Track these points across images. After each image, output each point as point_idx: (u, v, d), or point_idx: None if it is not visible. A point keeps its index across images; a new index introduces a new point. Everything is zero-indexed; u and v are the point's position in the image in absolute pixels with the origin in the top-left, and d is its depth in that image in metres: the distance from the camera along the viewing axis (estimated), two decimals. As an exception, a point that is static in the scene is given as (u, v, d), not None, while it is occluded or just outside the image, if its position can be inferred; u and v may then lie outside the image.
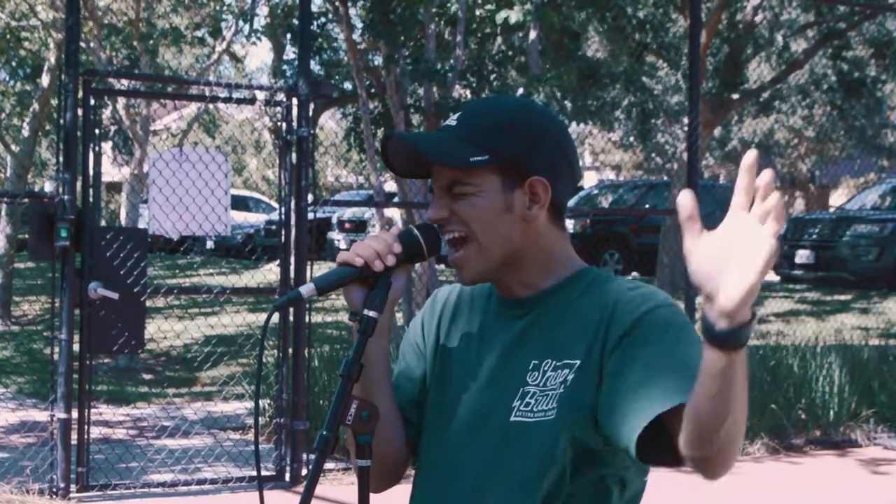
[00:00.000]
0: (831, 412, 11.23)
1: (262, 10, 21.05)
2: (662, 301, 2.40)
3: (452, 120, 2.49)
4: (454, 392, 2.53)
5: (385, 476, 2.58)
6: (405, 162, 2.52)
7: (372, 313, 2.41)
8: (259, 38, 18.74)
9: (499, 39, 13.80)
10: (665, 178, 29.49)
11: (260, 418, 10.67)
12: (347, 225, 26.42)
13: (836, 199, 37.10)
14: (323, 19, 15.74)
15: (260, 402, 11.02)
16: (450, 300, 2.66)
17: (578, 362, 2.39)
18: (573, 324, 2.43)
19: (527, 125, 2.46)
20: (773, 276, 23.48)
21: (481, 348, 2.52)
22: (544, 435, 2.38)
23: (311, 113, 9.39)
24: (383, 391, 2.52)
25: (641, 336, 2.35)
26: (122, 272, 8.57)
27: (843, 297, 19.43)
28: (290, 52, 23.38)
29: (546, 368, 2.42)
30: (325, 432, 2.35)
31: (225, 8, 17.65)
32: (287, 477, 9.11)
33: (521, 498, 2.40)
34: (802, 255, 21.28)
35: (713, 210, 24.81)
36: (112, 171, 30.60)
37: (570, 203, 2.97)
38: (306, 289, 2.39)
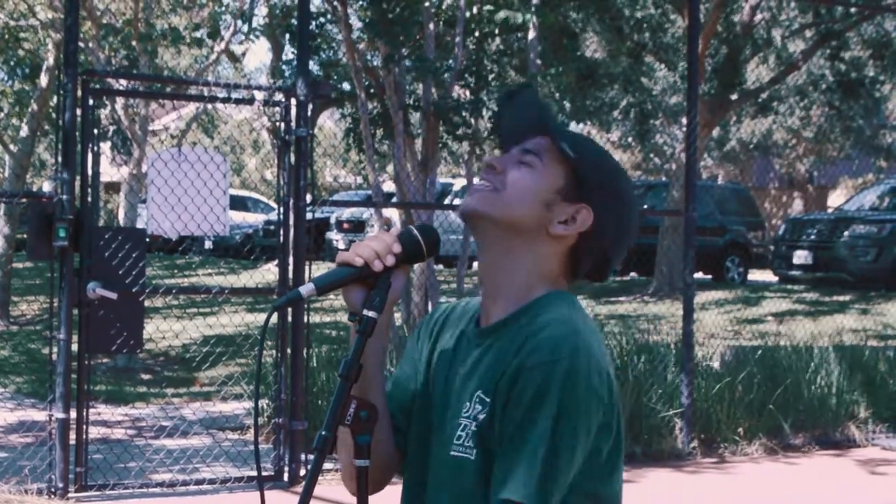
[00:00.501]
0: (829, 412, 11.24)
1: (261, 11, 21.06)
2: (563, 353, 2.34)
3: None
4: (428, 412, 2.55)
5: (371, 481, 2.58)
6: (520, 124, 2.56)
7: (371, 313, 2.41)
8: (257, 36, 18.74)
9: (498, 39, 13.80)
10: (663, 178, 29.50)
11: (261, 418, 10.69)
12: (346, 225, 26.43)
13: (835, 199, 37.10)
14: (322, 19, 15.73)
15: (254, 401, 11.03)
16: (442, 317, 2.67)
17: (489, 401, 2.41)
18: (498, 354, 2.43)
19: (617, 181, 2.54)
20: (770, 277, 23.51)
21: (450, 372, 2.54)
22: (470, 474, 2.41)
23: (309, 113, 9.39)
24: (377, 391, 2.53)
25: (523, 393, 2.34)
26: (120, 272, 8.58)
27: (840, 298, 19.44)
28: (289, 53, 23.38)
29: (476, 401, 2.43)
30: (324, 432, 2.36)
31: (224, 8, 17.65)
32: (285, 477, 9.11)
33: None
34: (800, 256, 21.29)
35: (711, 210, 24.90)
36: (111, 170, 30.62)
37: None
38: (306, 289, 2.39)
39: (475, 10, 12.76)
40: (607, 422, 2.38)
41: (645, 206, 24.10)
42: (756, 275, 25.34)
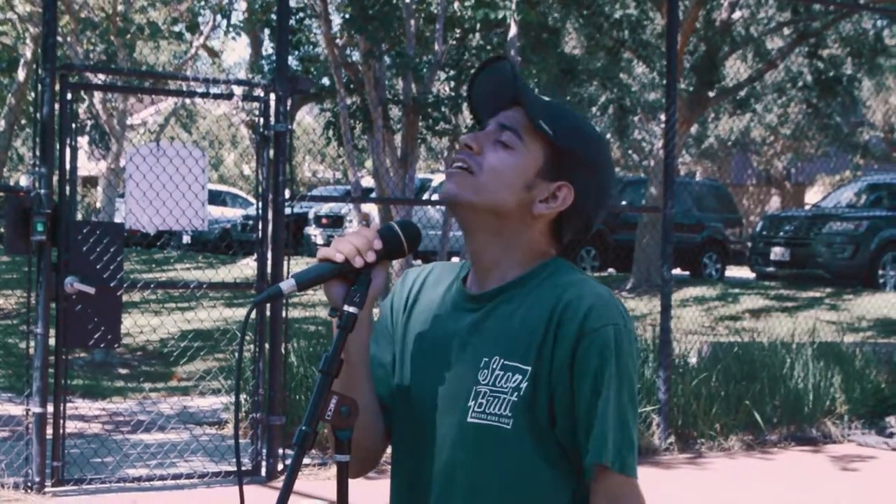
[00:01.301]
0: (806, 408, 11.28)
1: (241, 6, 21.01)
2: (612, 317, 2.43)
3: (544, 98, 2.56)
4: (411, 382, 2.55)
5: (362, 462, 2.60)
6: (491, 94, 2.55)
7: (352, 309, 2.41)
8: (238, 34, 18.70)
9: (478, 35, 13.81)
10: (642, 174, 29.55)
11: (239, 413, 10.69)
12: (324, 220, 26.40)
13: (812, 196, 37.23)
14: (301, 14, 15.72)
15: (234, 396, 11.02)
16: (417, 281, 2.67)
17: (530, 370, 2.41)
18: (523, 320, 2.44)
19: (596, 150, 2.53)
20: (748, 273, 23.58)
21: (436, 338, 2.53)
22: (503, 443, 2.41)
23: (288, 108, 9.39)
24: (363, 384, 2.53)
25: (587, 359, 2.41)
26: (98, 266, 8.56)
27: (816, 294, 19.50)
28: (268, 48, 23.36)
29: (495, 367, 2.43)
30: (304, 427, 2.36)
31: (203, 3, 17.62)
32: (263, 472, 9.11)
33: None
34: (777, 253, 21.36)
35: (689, 207, 24.95)
36: (89, 165, 30.53)
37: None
38: (287, 284, 2.39)
39: (455, 6, 12.77)
40: None
41: (623, 203, 24.20)
42: (733, 271, 25.41)
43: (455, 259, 16.16)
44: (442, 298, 2.58)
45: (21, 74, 17.33)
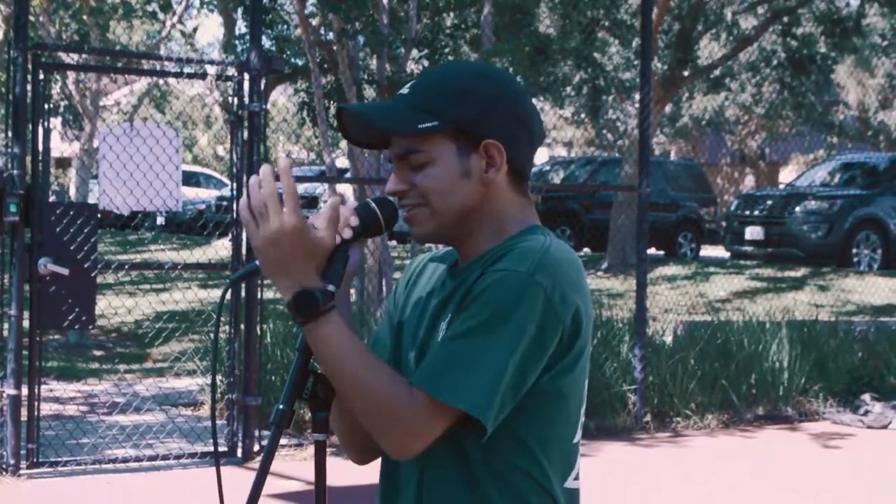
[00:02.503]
0: (781, 387, 11.32)
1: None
2: (518, 265, 2.34)
3: (406, 88, 2.49)
4: (401, 360, 2.54)
5: (364, 450, 2.59)
6: (362, 133, 2.51)
7: (329, 287, 2.40)
8: (211, 10, 18.60)
9: (452, 14, 13.78)
10: (617, 154, 29.59)
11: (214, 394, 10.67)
12: (300, 200, 26.32)
13: (786, 175, 37.36)
14: (274, -6, 15.65)
15: (211, 377, 11.00)
16: (417, 268, 2.67)
17: (452, 316, 2.42)
18: (469, 283, 2.42)
19: (478, 89, 2.44)
20: (722, 252, 23.64)
21: (421, 316, 2.53)
22: None
23: (262, 88, 9.35)
24: None
25: (470, 295, 2.37)
26: (72, 248, 8.52)
27: (794, 274, 19.56)
28: (242, 27, 23.25)
29: (443, 326, 2.44)
30: (281, 406, 2.34)
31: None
32: (239, 453, 9.09)
33: (450, 478, 2.42)
34: (752, 232, 21.41)
35: (663, 186, 24.99)
36: (62, 146, 30.39)
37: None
38: (262, 262, 2.37)
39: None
40: (567, 352, 2.38)
41: (599, 183, 24.22)
42: (708, 250, 25.48)
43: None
44: (435, 281, 2.58)
45: (-7, 55, 17.20)
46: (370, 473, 2.65)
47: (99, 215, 8.88)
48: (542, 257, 2.35)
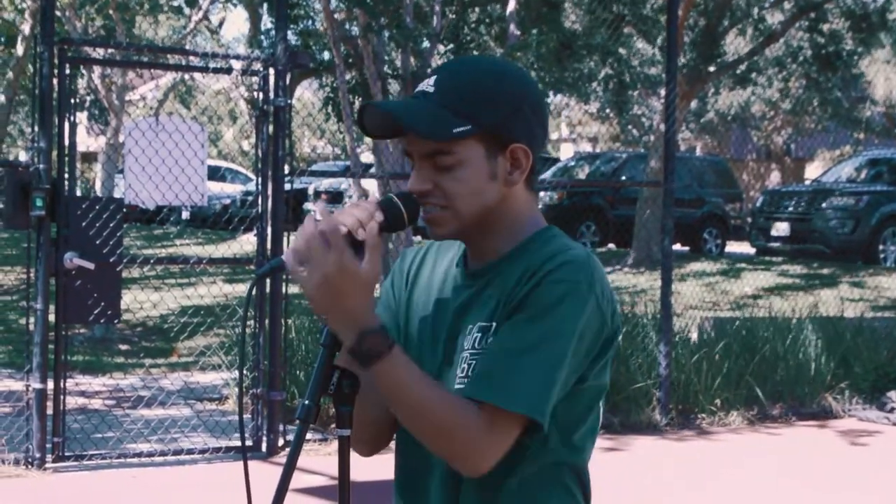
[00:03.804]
0: (807, 384, 11.27)
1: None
2: (574, 276, 2.38)
3: (429, 85, 2.45)
4: (413, 357, 2.50)
5: (375, 440, 2.59)
6: (379, 126, 2.49)
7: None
8: (236, 5, 18.61)
9: (477, 9, 13.75)
10: (642, 150, 29.50)
11: (240, 389, 10.65)
12: (324, 196, 26.36)
13: (812, 171, 37.18)
14: (300, -11, 15.65)
15: (238, 372, 11.00)
16: (416, 260, 2.67)
17: (494, 325, 2.41)
18: (505, 285, 2.43)
19: (507, 91, 2.44)
20: (748, 249, 23.56)
21: (436, 316, 2.52)
22: None
23: (287, 83, 9.35)
24: None
25: (526, 300, 2.37)
26: (97, 242, 8.54)
27: (823, 271, 19.46)
28: (267, 22, 23.27)
29: (474, 331, 2.43)
30: (307, 402, 2.33)
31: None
32: (263, 447, 9.10)
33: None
34: (778, 228, 21.34)
35: (688, 182, 24.92)
36: (88, 140, 30.46)
37: (546, 175, 2.92)
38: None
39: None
40: (605, 351, 2.44)
41: (624, 178, 24.14)
42: (733, 246, 25.39)
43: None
44: (444, 277, 2.57)
45: (20, 49, 17.27)
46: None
47: (124, 210, 8.90)
48: (592, 268, 2.40)
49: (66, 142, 8.62)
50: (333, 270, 2.27)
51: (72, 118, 8.70)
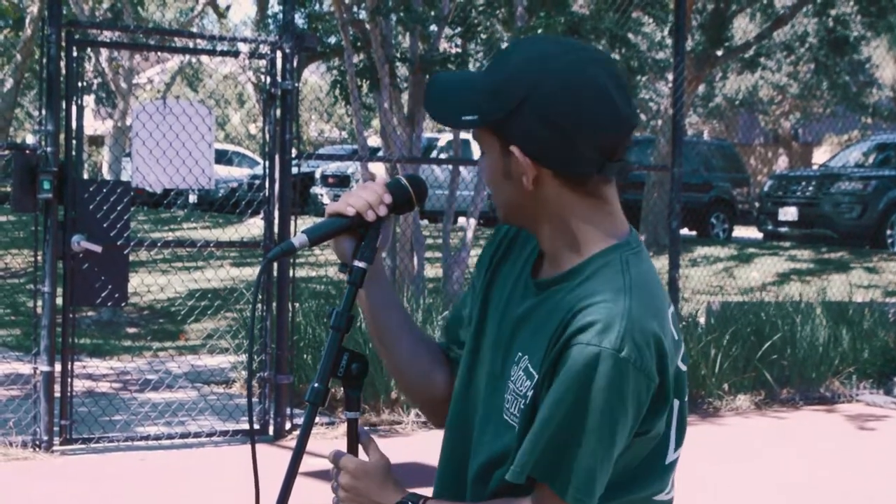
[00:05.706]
0: (814, 368, 11.26)
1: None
2: (608, 340, 2.15)
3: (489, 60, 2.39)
4: (477, 348, 2.44)
5: (434, 414, 2.58)
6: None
7: (362, 264, 2.37)
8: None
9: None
10: (649, 134, 29.46)
11: (246, 372, 10.65)
12: (331, 179, 26.36)
13: (820, 156, 37.12)
14: (307, -28, 15.62)
15: (246, 356, 11.00)
16: (507, 236, 2.50)
17: (537, 378, 2.25)
18: (549, 322, 2.25)
19: (512, 84, 2.23)
20: (755, 233, 23.54)
21: (505, 312, 2.40)
22: (511, 442, 2.29)
23: (295, 66, 9.34)
24: (399, 335, 2.51)
25: (558, 372, 2.19)
26: (105, 225, 8.54)
27: (834, 256, 19.43)
28: (274, 5, 23.25)
29: (521, 366, 2.29)
30: (316, 384, 2.32)
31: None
32: (270, 431, 9.11)
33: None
34: (786, 213, 21.31)
35: (696, 167, 24.87)
36: (95, 123, 30.47)
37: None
38: (298, 240, 2.35)
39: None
40: (658, 400, 2.23)
41: (631, 162, 24.09)
42: (741, 231, 25.37)
43: (462, 219, 16.12)
44: (518, 274, 2.42)
45: (28, 31, 17.26)
46: (403, 452, 2.65)
47: (132, 193, 8.89)
48: (628, 324, 2.16)
49: (74, 125, 8.62)
50: (350, 482, 2.45)
51: (79, 101, 8.70)
